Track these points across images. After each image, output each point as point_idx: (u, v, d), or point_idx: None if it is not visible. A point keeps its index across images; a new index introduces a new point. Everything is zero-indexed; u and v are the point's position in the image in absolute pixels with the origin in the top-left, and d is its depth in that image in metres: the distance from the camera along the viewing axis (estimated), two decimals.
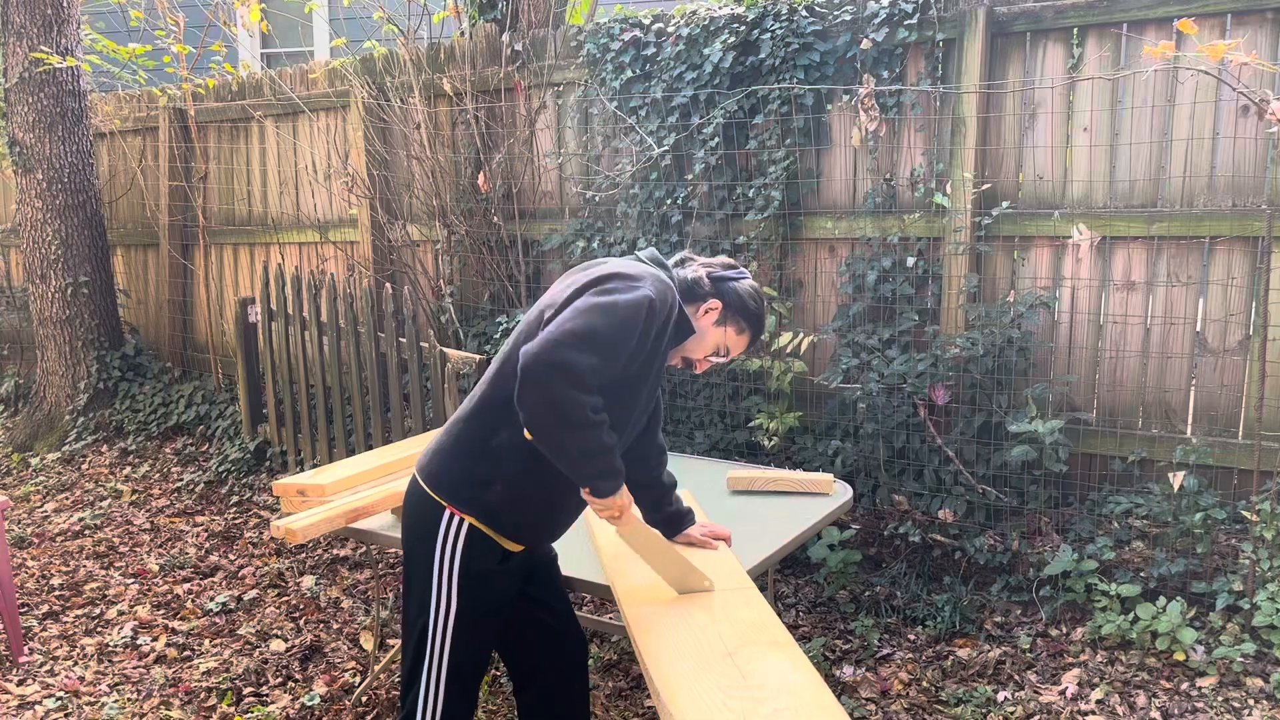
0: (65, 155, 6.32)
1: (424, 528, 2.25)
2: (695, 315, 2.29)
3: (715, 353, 2.36)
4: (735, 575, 2.42)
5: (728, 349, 2.36)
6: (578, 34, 4.70)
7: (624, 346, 2.06)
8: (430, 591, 2.25)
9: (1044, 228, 3.81)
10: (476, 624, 2.28)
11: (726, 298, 2.31)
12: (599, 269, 2.19)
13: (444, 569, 2.23)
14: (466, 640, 2.27)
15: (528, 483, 2.21)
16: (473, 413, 2.26)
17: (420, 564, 2.27)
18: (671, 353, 2.33)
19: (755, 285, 2.38)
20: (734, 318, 2.32)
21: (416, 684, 2.29)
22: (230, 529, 5.06)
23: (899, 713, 3.18)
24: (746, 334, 2.36)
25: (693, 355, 2.35)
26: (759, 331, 2.38)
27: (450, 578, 2.23)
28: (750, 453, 4.32)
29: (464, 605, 2.24)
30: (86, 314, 6.46)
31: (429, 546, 2.24)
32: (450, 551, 2.22)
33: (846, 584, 3.94)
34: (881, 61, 4.00)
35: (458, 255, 5.16)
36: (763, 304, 2.38)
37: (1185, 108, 3.57)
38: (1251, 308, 3.54)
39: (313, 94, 5.77)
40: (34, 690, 3.59)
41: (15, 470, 6.25)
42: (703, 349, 2.34)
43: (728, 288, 2.32)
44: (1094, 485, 3.79)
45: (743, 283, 2.35)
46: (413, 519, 2.30)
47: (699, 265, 2.35)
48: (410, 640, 2.31)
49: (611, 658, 3.59)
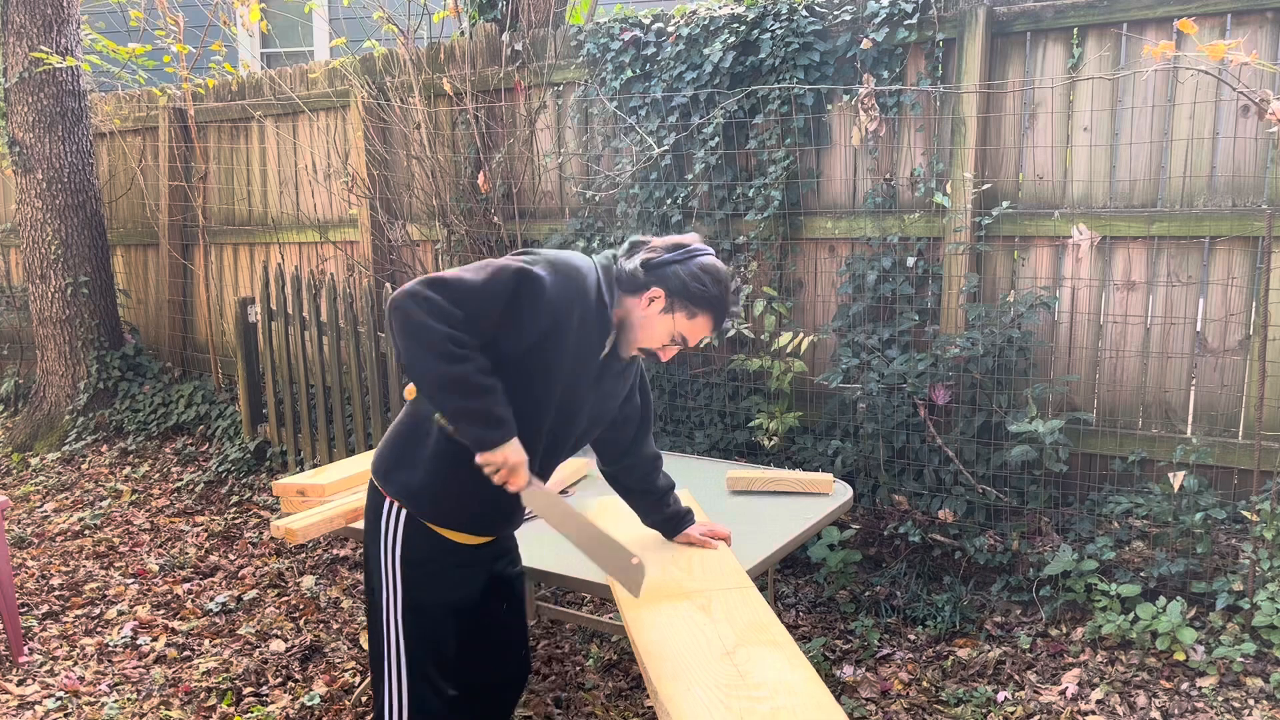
0: (65, 155, 6.32)
1: (371, 517, 2.26)
2: (639, 306, 2.20)
3: (671, 341, 2.25)
4: (735, 575, 2.42)
5: (683, 336, 2.24)
6: (578, 34, 4.70)
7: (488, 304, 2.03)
8: (378, 581, 2.25)
9: (1044, 228, 3.80)
10: (425, 614, 2.23)
11: (668, 284, 2.19)
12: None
13: (386, 558, 2.22)
14: (417, 633, 2.24)
15: (446, 461, 2.17)
16: (412, 400, 2.28)
17: (370, 554, 2.27)
18: (623, 346, 2.26)
19: (704, 264, 2.22)
20: (680, 303, 2.20)
21: (381, 679, 2.28)
22: (230, 529, 5.06)
23: (899, 713, 3.18)
24: (701, 317, 2.22)
25: (648, 345, 2.25)
26: (717, 311, 2.23)
27: (394, 567, 2.22)
28: (750, 453, 4.31)
29: (409, 596, 2.22)
30: (86, 314, 6.46)
31: (374, 535, 2.24)
32: (391, 540, 2.21)
33: (846, 584, 3.94)
34: (881, 61, 4.00)
35: (458, 255, 5.16)
36: (714, 282, 2.21)
37: (1185, 108, 3.56)
38: (1251, 308, 3.54)
39: (313, 94, 5.77)
40: (34, 690, 3.59)
41: (15, 470, 6.25)
42: (654, 339, 2.24)
43: (668, 273, 2.19)
44: (1094, 485, 3.79)
45: (688, 264, 2.20)
46: (366, 509, 2.31)
47: (643, 251, 2.24)
48: (370, 633, 2.31)
49: (611, 658, 3.59)
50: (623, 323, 2.23)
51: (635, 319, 2.22)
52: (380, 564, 2.23)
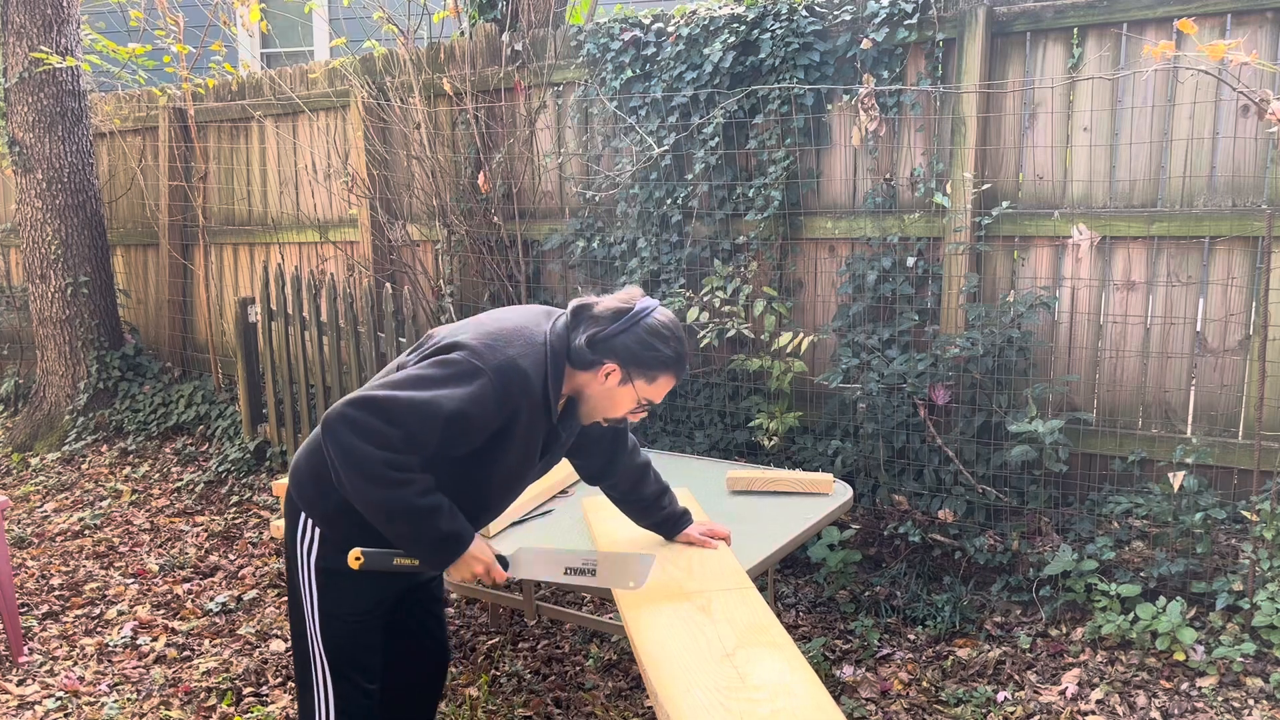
0: (65, 155, 6.32)
1: (288, 524, 2.26)
2: (596, 381, 2.15)
3: (637, 408, 2.21)
4: (735, 575, 2.42)
5: (647, 400, 2.19)
6: (578, 34, 4.70)
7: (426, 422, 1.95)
8: (297, 586, 2.26)
9: (1044, 228, 3.80)
10: (343, 620, 2.25)
11: (619, 356, 2.12)
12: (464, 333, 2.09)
13: (303, 566, 2.23)
14: (337, 638, 2.25)
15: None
16: None
17: (288, 559, 2.28)
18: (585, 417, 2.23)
19: (650, 325, 2.14)
20: (636, 371, 2.14)
21: (308, 681, 2.30)
22: (230, 529, 5.06)
23: (899, 713, 3.18)
24: (661, 378, 2.16)
25: (613, 415, 2.22)
26: (676, 368, 2.17)
27: (310, 574, 2.22)
28: (750, 453, 4.31)
29: (326, 602, 2.22)
30: (86, 314, 6.46)
31: (291, 542, 2.25)
32: (306, 549, 2.22)
33: (846, 584, 3.94)
34: (881, 61, 4.00)
35: (458, 255, 5.16)
36: (666, 341, 2.14)
37: (1185, 108, 3.56)
38: (1251, 308, 3.54)
39: (313, 94, 5.77)
40: (34, 690, 3.59)
41: (15, 470, 6.25)
42: (618, 409, 2.20)
43: (617, 345, 2.12)
44: (1094, 485, 3.79)
45: (634, 330, 2.12)
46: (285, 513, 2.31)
47: (588, 324, 2.15)
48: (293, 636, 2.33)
49: (611, 658, 3.59)
50: (579, 395, 2.20)
51: (593, 393, 2.18)
52: (298, 571, 2.25)
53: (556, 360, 2.13)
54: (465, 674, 3.53)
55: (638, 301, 2.17)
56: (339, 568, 2.21)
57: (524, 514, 3.04)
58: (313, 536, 2.21)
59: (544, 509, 3.11)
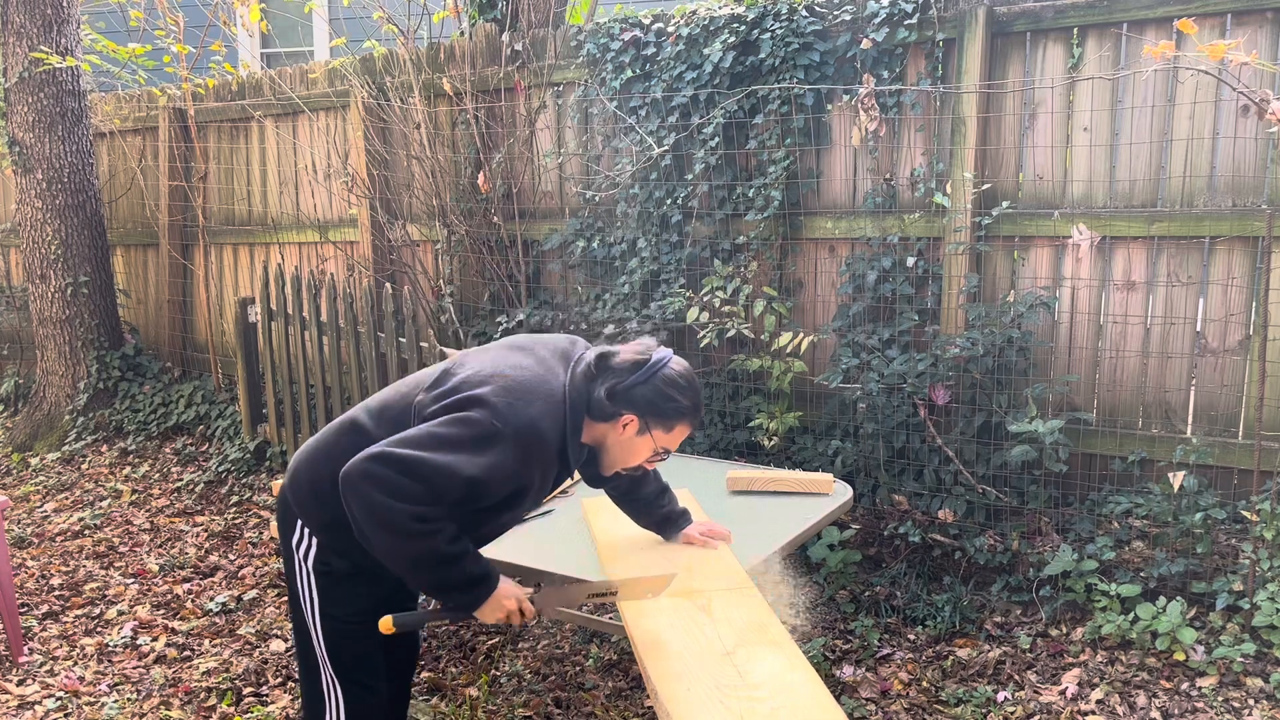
0: (65, 155, 6.32)
1: (284, 530, 2.28)
2: (614, 432, 2.17)
3: (654, 456, 2.23)
4: (735, 575, 2.42)
5: (664, 448, 2.22)
6: (578, 34, 4.70)
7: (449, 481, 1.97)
8: (296, 590, 2.27)
9: (1044, 228, 3.80)
10: (345, 622, 2.26)
11: (638, 408, 2.14)
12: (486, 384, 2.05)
13: (301, 570, 2.25)
14: (341, 640, 2.27)
15: None
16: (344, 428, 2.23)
17: (286, 563, 2.30)
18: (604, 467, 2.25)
19: (668, 376, 2.16)
20: (655, 421, 2.16)
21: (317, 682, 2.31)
22: (230, 529, 5.06)
23: (899, 713, 3.18)
24: (678, 426, 2.19)
25: (631, 464, 2.24)
26: (692, 417, 2.20)
27: (309, 578, 2.24)
28: (750, 453, 4.31)
29: (326, 604, 2.24)
30: (86, 314, 6.46)
31: (288, 547, 2.27)
32: (304, 555, 2.24)
33: (846, 584, 3.94)
34: (881, 61, 4.00)
35: (458, 255, 5.16)
36: (683, 391, 2.17)
37: (1185, 108, 3.56)
38: (1251, 308, 3.54)
39: (313, 94, 5.77)
40: (34, 690, 3.59)
41: (15, 470, 6.25)
42: (636, 458, 2.22)
43: (636, 396, 2.14)
44: (1094, 485, 3.79)
45: (652, 382, 2.15)
46: (279, 518, 2.32)
47: (608, 376, 2.16)
48: (297, 638, 2.35)
49: (611, 658, 3.59)
50: (599, 445, 2.22)
51: (612, 443, 2.20)
52: (296, 575, 2.26)
53: (575, 415, 2.13)
54: (465, 674, 3.53)
55: (654, 353, 2.19)
56: (337, 569, 2.22)
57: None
58: (310, 541, 2.22)
59: (544, 509, 3.11)
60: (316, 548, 2.21)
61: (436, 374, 2.20)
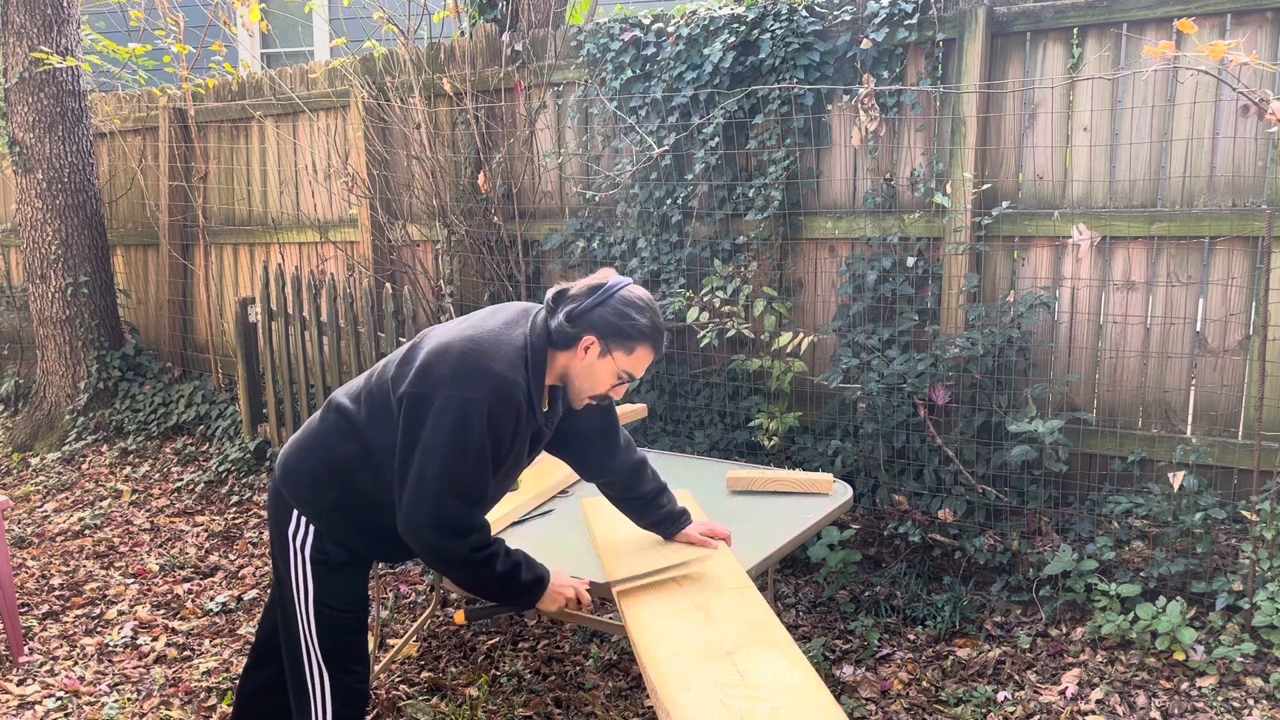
0: (65, 155, 6.32)
1: (277, 522, 2.30)
2: (577, 358, 2.20)
3: (618, 381, 2.25)
4: (735, 575, 2.42)
5: (628, 372, 2.23)
6: (578, 34, 4.70)
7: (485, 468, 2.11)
8: (288, 581, 2.29)
9: (1044, 228, 3.80)
10: (337, 613, 2.30)
11: (596, 329, 2.18)
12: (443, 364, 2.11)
13: (295, 561, 2.27)
14: (331, 632, 2.29)
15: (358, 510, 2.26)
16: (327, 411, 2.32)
17: (277, 554, 2.31)
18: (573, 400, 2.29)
19: (625, 297, 2.20)
20: (615, 342, 2.18)
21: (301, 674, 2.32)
22: (230, 529, 5.06)
23: (899, 713, 3.18)
24: (639, 348, 2.21)
25: (596, 392, 2.26)
26: (653, 338, 2.21)
27: (303, 567, 2.26)
28: (750, 453, 4.31)
29: (320, 594, 2.27)
30: (86, 314, 6.46)
31: (281, 538, 2.28)
32: (300, 543, 2.26)
33: (846, 584, 3.94)
34: (881, 61, 4.00)
35: (458, 255, 5.16)
36: (641, 311, 2.19)
37: (1185, 108, 3.56)
38: (1251, 308, 3.54)
39: (313, 94, 5.77)
40: (34, 690, 3.59)
41: (15, 470, 6.25)
42: (600, 384, 2.24)
43: (594, 318, 2.17)
44: (1094, 485, 3.79)
45: (610, 303, 2.18)
46: (271, 510, 2.35)
47: (566, 302, 2.21)
48: (284, 629, 2.36)
49: (611, 658, 3.59)
50: (564, 378, 2.26)
51: (576, 370, 2.23)
52: (290, 565, 2.28)
53: (537, 356, 2.18)
54: (465, 674, 3.53)
55: (610, 278, 2.24)
56: (334, 559, 2.24)
57: (524, 514, 3.04)
58: (307, 530, 2.24)
59: (544, 509, 3.11)
60: (314, 536, 2.25)
61: (405, 350, 2.27)
